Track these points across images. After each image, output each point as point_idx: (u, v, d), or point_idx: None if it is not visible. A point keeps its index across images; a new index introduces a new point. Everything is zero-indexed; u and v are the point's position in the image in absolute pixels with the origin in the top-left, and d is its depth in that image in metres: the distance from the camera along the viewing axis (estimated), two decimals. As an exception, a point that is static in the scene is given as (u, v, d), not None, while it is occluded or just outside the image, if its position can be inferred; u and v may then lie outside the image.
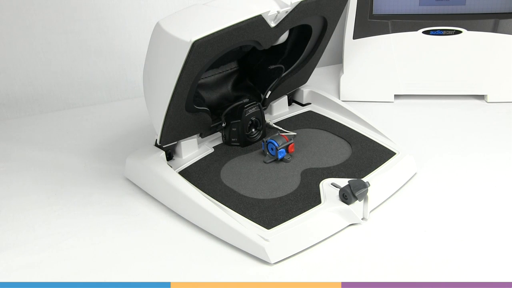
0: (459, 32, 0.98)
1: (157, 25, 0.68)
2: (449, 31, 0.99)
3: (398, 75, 1.01)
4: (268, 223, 0.67)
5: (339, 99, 1.01)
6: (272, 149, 0.78)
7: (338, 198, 0.70)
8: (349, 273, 0.63)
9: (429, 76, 1.01)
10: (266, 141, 0.79)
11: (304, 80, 0.93)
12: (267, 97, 0.87)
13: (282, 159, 0.78)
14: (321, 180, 0.74)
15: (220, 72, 0.88)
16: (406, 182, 0.78)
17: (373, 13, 1.02)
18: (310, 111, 0.93)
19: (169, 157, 0.79)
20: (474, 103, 1.00)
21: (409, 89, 1.02)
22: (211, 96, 0.86)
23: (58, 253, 0.68)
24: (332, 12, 0.82)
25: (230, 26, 0.67)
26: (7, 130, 1.00)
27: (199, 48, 0.64)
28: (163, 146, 0.77)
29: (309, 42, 0.86)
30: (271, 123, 0.87)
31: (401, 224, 0.71)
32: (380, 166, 0.77)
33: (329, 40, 0.88)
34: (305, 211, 0.69)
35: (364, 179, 0.72)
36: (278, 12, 0.72)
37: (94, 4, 1.03)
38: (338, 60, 1.18)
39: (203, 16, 0.70)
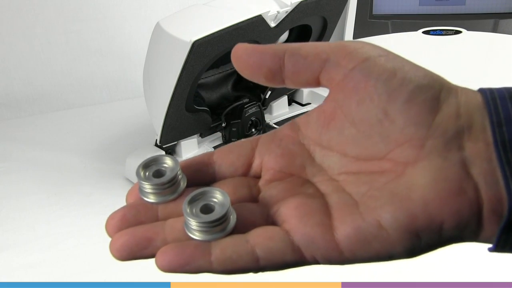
0: (459, 32, 0.98)
1: (157, 25, 0.68)
2: (449, 31, 0.99)
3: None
4: (268, 223, 0.67)
5: (339, 99, 1.01)
6: (272, 149, 0.78)
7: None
8: (349, 273, 0.63)
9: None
10: (266, 141, 0.79)
11: (304, 80, 0.93)
12: (267, 97, 0.87)
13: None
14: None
15: (220, 72, 0.88)
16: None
17: (373, 13, 1.02)
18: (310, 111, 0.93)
19: (169, 157, 0.79)
20: (474, 103, 1.00)
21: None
22: (211, 96, 0.86)
23: (58, 253, 0.68)
24: (332, 12, 0.82)
25: (230, 26, 0.66)
26: (7, 130, 1.00)
27: (199, 48, 0.64)
28: (163, 146, 0.77)
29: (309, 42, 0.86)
30: (271, 123, 0.87)
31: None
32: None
33: (329, 40, 0.88)
34: (305, 211, 0.69)
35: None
36: (278, 12, 0.72)
37: (94, 4, 1.03)
38: (338, 60, 1.18)
39: (203, 16, 0.70)
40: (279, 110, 0.93)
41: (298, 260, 0.26)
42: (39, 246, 0.70)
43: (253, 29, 0.70)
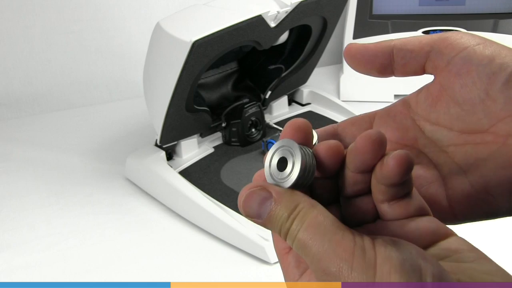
0: (459, 32, 0.98)
1: (157, 25, 0.68)
2: (449, 31, 0.99)
3: (398, 75, 1.01)
4: (268, 223, 0.67)
5: (339, 99, 1.01)
6: (272, 149, 0.78)
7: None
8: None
9: (429, 76, 1.01)
10: (266, 141, 0.79)
11: (304, 80, 0.93)
12: (267, 97, 0.87)
13: (282, 159, 0.78)
14: (321, 180, 0.74)
15: (220, 72, 0.88)
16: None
17: (373, 13, 1.02)
18: (310, 111, 0.93)
19: (169, 157, 0.79)
20: (474, 103, 1.00)
21: (409, 89, 1.02)
22: (211, 96, 0.86)
23: (58, 253, 0.68)
24: (332, 12, 0.82)
25: (230, 26, 0.67)
26: (7, 130, 1.00)
27: (199, 48, 0.64)
28: (163, 146, 0.78)
29: (309, 42, 0.86)
30: (271, 123, 0.87)
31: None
32: (380, 166, 0.77)
33: (329, 40, 0.88)
34: (305, 211, 0.69)
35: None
36: (278, 12, 0.72)
37: (94, 4, 1.03)
38: (338, 60, 1.18)
39: (203, 16, 0.70)
40: (279, 110, 0.93)
41: None
42: (39, 246, 0.70)
43: (253, 29, 0.70)
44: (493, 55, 0.29)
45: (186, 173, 0.76)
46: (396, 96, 1.03)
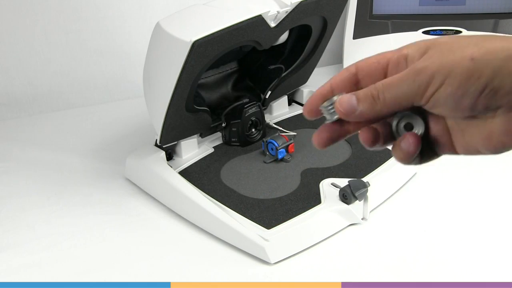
0: (459, 32, 0.98)
1: (157, 25, 0.68)
2: (449, 31, 0.99)
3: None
4: (268, 223, 0.67)
5: (339, 99, 1.01)
6: (272, 149, 0.78)
7: (338, 198, 0.70)
8: (349, 273, 0.63)
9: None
10: (266, 141, 0.79)
11: (304, 80, 0.94)
12: (267, 97, 0.87)
13: (282, 159, 0.78)
14: (321, 180, 0.74)
15: (220, 72, 0.88)
16: (406, 182, 0.78)
17: (373, 13, 1.02)
18: (310, 111, 0.93)
19: (169, 157, 0.79)
20: (474, 103, 1.00)
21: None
22: (211, 96, 0.86)
23: (58, 253, 0.68)
24: (332, 12, 0.82)
25: (230, 26, 0.67)
26: (7, 130, 1.00)
27: (199, 48, 0.64)
28: (163, 146, 0.78)
29: (309, 42, 0.86)
30: (271, 123, 0.87)
31: (401, 224, 0.71)
32: (380, 166, 0.77)
33: (329, 40, 0.88)
34: (305, 211, 0.69)
35: (364, 179, 0.72)
36: (278, 12, 0.72)
37: (94, 4, 1.03)
38: (338, 60, 1.18)
39: (203, 16, 0.70)
40: (279, 110, 0.93)
41: None
42: (39, 246, 0.70)
43: (253, 29, 0.70)
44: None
45: (186, 173, 0.76)
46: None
